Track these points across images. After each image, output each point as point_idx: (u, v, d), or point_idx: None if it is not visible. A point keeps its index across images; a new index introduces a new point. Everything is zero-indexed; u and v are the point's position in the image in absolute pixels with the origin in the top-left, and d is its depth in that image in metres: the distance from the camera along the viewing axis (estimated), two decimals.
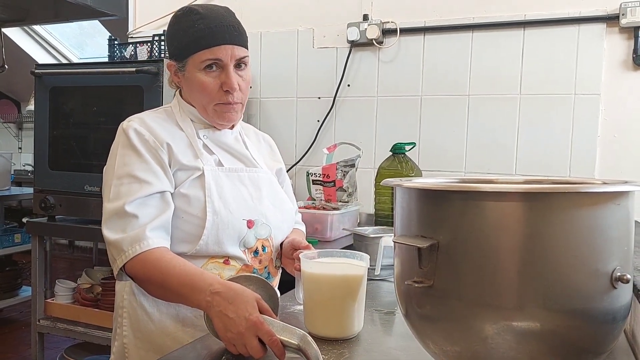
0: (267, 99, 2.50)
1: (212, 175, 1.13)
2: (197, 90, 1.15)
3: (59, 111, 2.27)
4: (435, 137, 2.21)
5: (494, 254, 0.65)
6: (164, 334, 1.12)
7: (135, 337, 1.14)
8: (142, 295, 1.13)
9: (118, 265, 1.04)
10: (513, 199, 0.64)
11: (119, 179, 1.08)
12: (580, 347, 0.67)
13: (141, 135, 1.11)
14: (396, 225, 0.78)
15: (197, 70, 1.13)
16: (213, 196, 1.11)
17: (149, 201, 1.07)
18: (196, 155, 1.15)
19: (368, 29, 2.24)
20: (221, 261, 1.13)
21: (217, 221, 1.10)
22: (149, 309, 1.13)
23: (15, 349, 3.16)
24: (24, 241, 3.64)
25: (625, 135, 1.98)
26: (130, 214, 1.04)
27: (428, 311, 0.71)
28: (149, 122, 1.14)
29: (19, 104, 5.29)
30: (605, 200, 0.65)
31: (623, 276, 0.65)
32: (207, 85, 1.13)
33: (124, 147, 1.11)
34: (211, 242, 1.10)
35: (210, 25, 1.11)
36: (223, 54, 1.12)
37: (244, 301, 0.90)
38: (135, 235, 1.03)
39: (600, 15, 1.96)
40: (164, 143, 1.11)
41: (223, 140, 1.21)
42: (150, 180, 1.07)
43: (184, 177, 1.12)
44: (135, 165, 1.08)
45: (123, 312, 1.16)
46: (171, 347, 1.08)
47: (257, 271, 1.17)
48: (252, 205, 1.17)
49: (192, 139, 1.17)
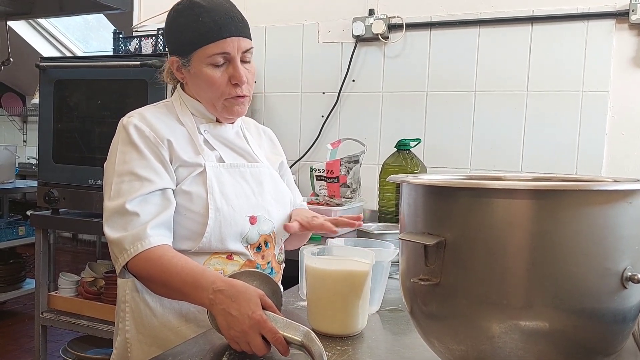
0: (271, 94, 2.49)
1: (214, 171, 1.12)
2: (205, 86, 1.13)
3: (64, 104, 2.27)
4: (441, 133, 2.20)
5: (502, 252, 0.64)
6: (167, 328, 1.11)
7: (138, 332, 1.13)
8: (145, 291, 1.12)
9: (120, 263, 1.04)
10: (522, 196, 0.63)
11: (120, 176, 1.07)
12: (589, 347, 0.66)
13: (141, 131, 1.09)
14: (402, 222, 0.77)
15: (204, 65, 1.11)
16: (215, 193, 1.10)
17: (150, 199, 1.06)
18: (197, 151, 1.13)
19: (374, 23, 2.22)
20: (224, 256, 1.12)
21: (219, 218, 1.09)
22: (151, 304, 1.12)
23: (19, 341, 3.17)
24: (28, 234, 3.66)
25: (634, 133, 1.96)
26: (132, 212, 1.03)
27: (434, 309, 0.71)
28: (149, 117, 1.12)
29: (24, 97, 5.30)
30: (617, 199, 0.64)
31: (634, 276, 0.64)
32: (216, 80, 1.11)
33: (124, 144, 1.09)
34: (214, 239, 1.10)
35: (215, 18, 1.09)
36: (230, 47, 1.10)
37: (247, 299, 0.89)
38: (137, 234, 1.02)
39: (609, 11, 1.94)
40: (164, 139, 1.10)
41: (224, 136, 1.20)
42: (151, 178, 1.06)
43: (186, 173, 1.11)
44: (136, 162, 1.07)
45: (125, 307, 1.15)
46: (174, 341, 1.08)
47: (260, 266, 1.16)
48: (254, 201, 1.16)
49: (193, 135, 1.15)
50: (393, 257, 1.08)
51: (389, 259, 1.10)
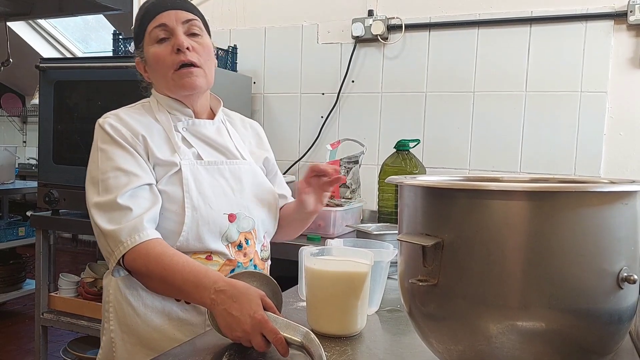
0: (271, 95, 2.50)
1: (190, 169, 1.12)
2: (154, 65, 1.15)
3: (63, 105, 2.27)
4: (440, 134, 2.20)
5: (500, 253, 0.65)
6: (150, 327, 1.10)
7: (122, 331, 1.12)
8: (127, 289, 1.11)
9: (116, 256, 1.02)
10: (519, 197, 0.64)
11: (105, 173, 1.07)
12: (586, 347, 0.66)
13: (118, 130, 1.10)
14: (400, 223, 0.78)
15: (150, 46, 1.14)
16: (191, 191, 1.10)
17: (140, 192, 1.06)
18: (173, 149, 1.13)
19: (373, 24, 2.23)
20: (203, 257, 1.11)
21: (196, 217, 1.09)
22: (134, 303, 1.11)
23: (19, 342, 3.17)
24: (28, 234, 3.66)
25: (632, 133, 1.96)
26: (124, 206, 1.03)
27: (432, 310, 0.71)
28: (124, 117, 1.13)
29: (24, 97, 5.31)
30: (613, 200, 0.64)
31: (630, 277, 0.64)
32: (160, 53, 1.13)
33: (104, 142, 1.10)
34: (191, 238, 1.09)
35: (154, 1, 1.15)
36: (166, 19, 1.13)
37: (248, 299, 0.90)
38: (133, 226, 1.01)
39: (607, 12, 1.94)
40: (139, 136, 1.10)
41: (203, 132, 1.19)
42: (137, 172, 1.07)
43: (162, 173, 1.10)
44: (120, 158, 1.07)
45: (109, 307, 1.15)
46: (158, 340, 1.08)
47: (242, 265, 1.15)
48: (233, 199, 1.15)
49: (170, 133, 1.15)
50: (392, 258, 1.09)
51: (387, 260, 1.10)
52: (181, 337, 1.08)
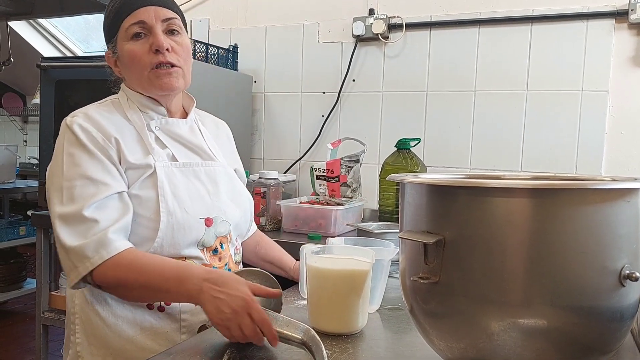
0: (271, 94, 2.50)
1: (165, 172, 1.06)
2: (129, 62, 1.08)
3: (64, 104, 2.27)
4: (441, 132, 2.20)
5: (501, 250, 0.64)
6: (122, 338, 1.04)
7: (90, 344, 1.06)
8: (95, 299, 1.06)
9: (80, 272, 0.95)
10: (521, 195, 0.64)
11: (70, 180, 0.99)
12: (587, 345, 0.66)
13: (88, 132, 1.03)
14: (402, 220, 0.78)
15: (125, 42, 1.07)
16: (167, 195, 1.04)
17: (108, 203, 0.99)
18: (147, 151, 1.07)
19: (374, 23, 2.23)
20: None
21: (171, 222, 1.03)
22: (102, 314, 1.05)
23: (20, 341, 3.18)
24: (29, 234, 3.66)
25: (633, 132, 1.96)
26: (90, 218, 0.96)
27: (433, 307, 0.71)
28: (94, 116, 1.06)
29: (25, 97, 5.30)
30: (615, 197, 0.64)
31: (632, 274, 0.64)
32: (136, 51, 1.06)
33: (71, 145, 1.02)
34: (166, 244, 1.03)
35: None
36: (145, 15, 1.06)
37: (234, 282, 0.90)
38: (99, 240, 0.95)
39: (608, 10, 1.94)
40: (112, 139, 1.03)
41: (177, 132, 1.13)
42: (106, 181, 1.00)
43: (135, 176, 1.04)
44: (87, 164, 1.00)
45: (75, 319, 1.08)
46: (130, 351, 1.03)
47: (216, 269, 1.09)
48: (209, 202, 1.10)
49: (142, 133, 1.08)
50: (393, 256, 1.09)
51: (389, 258, 1.10)
52: (155, 346, 1.03)
